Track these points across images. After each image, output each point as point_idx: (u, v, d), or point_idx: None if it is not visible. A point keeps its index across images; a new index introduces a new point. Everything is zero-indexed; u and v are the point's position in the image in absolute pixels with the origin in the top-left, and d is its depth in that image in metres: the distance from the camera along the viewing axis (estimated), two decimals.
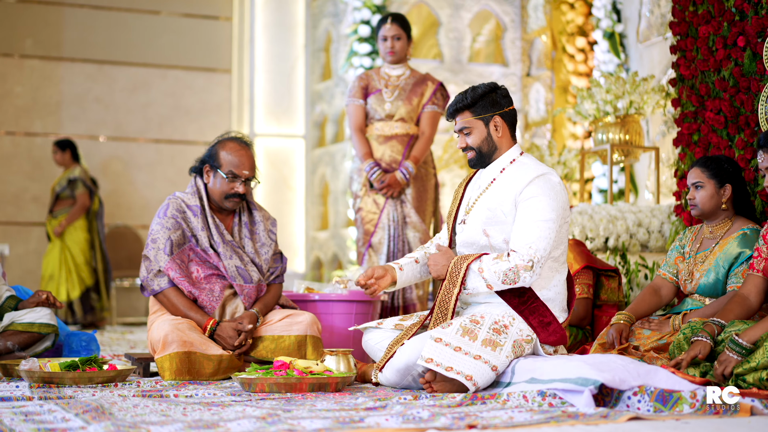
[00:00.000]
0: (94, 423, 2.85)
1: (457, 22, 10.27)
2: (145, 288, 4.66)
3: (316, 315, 5.08)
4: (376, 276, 4.25)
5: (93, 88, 11.64)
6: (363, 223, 6.20)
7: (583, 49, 9.78)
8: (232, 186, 4.70)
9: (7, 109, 11.35)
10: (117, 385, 4.09)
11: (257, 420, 2.93)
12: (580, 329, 5.15)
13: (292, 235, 11.30)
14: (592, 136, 7.01)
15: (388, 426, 2.89)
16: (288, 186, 11.31)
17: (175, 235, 4.62)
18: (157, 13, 11.90)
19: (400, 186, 6.05)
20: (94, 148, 11.62)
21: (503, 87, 4.24)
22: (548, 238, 3.96)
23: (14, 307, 5.01)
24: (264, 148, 11.24)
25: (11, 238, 11.23)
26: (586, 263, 5.17)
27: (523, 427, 2.91)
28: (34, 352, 4.97)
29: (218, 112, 12.10)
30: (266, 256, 4.81)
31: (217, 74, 12.12)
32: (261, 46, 11.29)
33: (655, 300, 4.70)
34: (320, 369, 4.00)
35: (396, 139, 6.14)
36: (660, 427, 2.87)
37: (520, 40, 10.38)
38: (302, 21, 11.23)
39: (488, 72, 10.40)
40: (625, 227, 6.15)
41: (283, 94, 11.29)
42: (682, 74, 5.82)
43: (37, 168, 11.40)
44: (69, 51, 11.57)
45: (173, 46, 11.93)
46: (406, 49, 6.21)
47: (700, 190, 4.59)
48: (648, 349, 4.41)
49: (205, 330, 4.51)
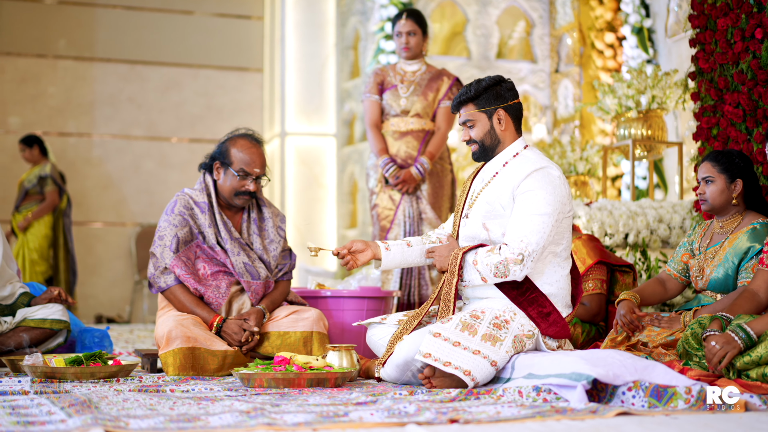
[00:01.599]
0: (76, 416, 2.85)
1: (485, 18, 10.21)
2: (153, 285, 4.67)
3: (327, 312, 5.07)
4: (355, 249, 4.22)
5: (126, 88, 11.73)
6: (379, 220, 6.17)
7: (611, 45, 9.69)
8: (243, 183, 4.69)
9: (41, 110, 11.46)
10: (119, 380, 4.10)
11: (240, 414, 2.91)
12: (594, 325, 5.09)
13: (324, 233, 11.30)
14: (615, 131, 6.93)
15: (371, 420, 2.86)
16: (319, 184, 11.31)
17: (182, 232, 4.62)
18: (189, 13, 11.97)
19: (415, 182, 6.02)
20: (127, 148, 11.71)
21: (509, 80, 4.19)
22: (542, 232, 3.91)
23: (27, 304, 5.05)
24: (295, 147, 11.25)
25: None
26: (599, 258, 5.11)
27: (507, 421, 2.87)
28: (47, 348, 5.01)
29: (250, 111, 12.15)
30: (275, 252, 4.80)
31: (249, 73, 12.16)
32: (292, 45, 11.30)
33: (660, 289, 4.66)
34: (320, 365, 3.98)
35: (411, 134, 6.11)
36: (645, 422, 2.82)
37: (549, 36, 10.31)
38: (332, 19, 11.22)
39: (516, 68, 10.33)
40: (646, 223, 6.07)
41: (314, 92, 11.29)
42: (701, 68, 5.74)
43: (71, 167, 11.50)
44: (102, 51, 11.67)
45: (205, 46, 11.99)
46: (421, 44, 6.17)
47: (710, 184, 4.51)
48: (656, 346, 4.35)
49: (212, 327, 4.51)
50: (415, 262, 4.37)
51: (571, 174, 7.34)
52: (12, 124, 11.36)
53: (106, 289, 11.64)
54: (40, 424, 2.75)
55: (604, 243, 5.99)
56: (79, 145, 11.55)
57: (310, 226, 11.18)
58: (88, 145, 11.64)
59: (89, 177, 11.62)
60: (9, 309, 5.01)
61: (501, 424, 2.84)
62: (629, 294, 4.56)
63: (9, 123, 11.36)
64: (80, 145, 11.56)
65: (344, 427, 2.74)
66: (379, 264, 4.31)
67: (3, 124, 11.33)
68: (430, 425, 2.80)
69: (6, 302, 5.03)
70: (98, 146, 11.68)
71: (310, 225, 11.19)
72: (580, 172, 7.32)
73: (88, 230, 11.63)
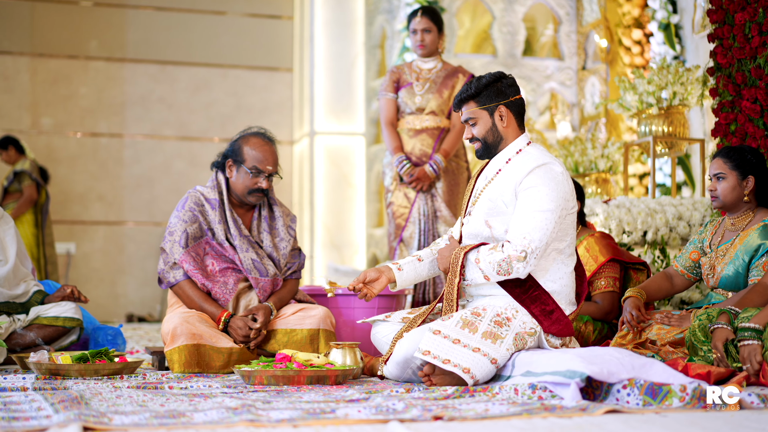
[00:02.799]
0: (63, 412, 2.86)
1: (511, 16, 10.16)
2: (162, 280, 4.69)
3: (337, 310, 5.06)
4: (368, 280, 4.22)
5: (156, 88, 11.81)
6: (394, 218, 6.16)
7: (639, 42, 9.59)
8: (256, 181, 4.71)
9: (72, 110, 11.57)
10: (123, 377, 4.12)
11: (227, 411, 2.91)
12: (606, 323, 5.04)
13: (353, 232, 11.30)
14: (636, 128, 6.87)
15: (357, 417, 2.85)
16: (348, 183, 11.31)
17: (192, 228, 4.65)
18: (219, 13, 12.02)
19: (429, 180, 6.00)
20: (158, 148, 11.78)
21: (510, 76, 4.15)
22: (545, 228, 3.87)
23: (41, 302, 5.10)
24: (324, 147, 11.26)
25: (78, 237, 11.47)
26: (611, 256, 5.06)
27: (493, 419, 2.85)
28: (60, 346, 5.05)
29: (280, 110, 12.18)
30: (284, 251, 4.81)
31: (279, 73, 12.20)
32: (321, 44, 11.30)
33: (666, 284, 4.62)
34: (321, 362, 3.97)
35: (426, 132, 6.09)
36: (631, 420, 2.78)
37: (576, 33, 10.23)
38: (361, 18, 11.22)
39: (543, 66, 10.27)
40: (665, 220, 6.01)
41: (342, 91, 11.29)
42: (719, 63, 5.68)
43: (103, 168, 11.60)
44: (132, 52, 11.75)
45: (235, 46, 12.04)
46: (436, 42, 6.15)
47: (721, 181, 4.45)
48: (664, 344, 4.30)
49: (219, 322, 4.52)
50: (428, 275, 4.37)
51: (591, 171, 7.28)
52: (44, 125, 11.47)
53: (137, 288, 11.72)
54: (25, 420, 2.77)
55: (621, 241, 5.93)
56: (110, 146, 11.64)
57: (340, 225, 11.18)
58: (119, 146, 11.73)
59: (120, 177, 11.71)
60: (23, 307, 5.06)
61: (486, 421, 2.82)
62: (635, 291, 4.52)
63: (42, 124, 11.47)
64: (111, 146, 11.65)
65: (325, 424, 2.73)
66: (395, 286, 4.30)
67: (36, 125, 11.44)
68: (414, 422, 2.79)
69: (20, 300, 5.07)
70: (129, 146, 11.76)
71: (340, 224, 11.19)
72: (600, 169, 7.26)
73: (119, 230, 11.72)
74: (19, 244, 5.15)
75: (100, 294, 11.48)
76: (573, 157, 7.29)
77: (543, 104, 10.66)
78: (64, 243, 11.23)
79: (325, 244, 11.17)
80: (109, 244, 11.64)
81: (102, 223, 11.58)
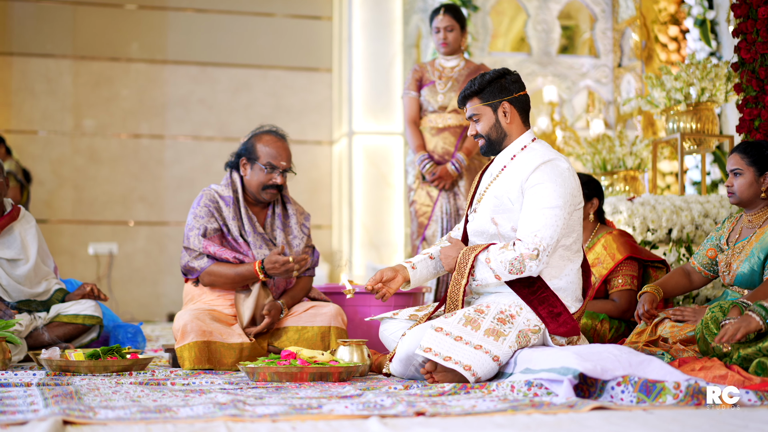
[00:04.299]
0: (52, 407, 2.90)
1: (546, 13, 10.11)
2: (190, 272, 4.71)
3: (353, 308, 5.07)
4: (385, 279, 4.20)
5: (196, 89, 11.90)
6: (417, 216, 6.16)
7: (675, 38, 9.49)
8: (270, 177, 4.76)
9: (114, 112, 11.69)
10: (132, 374, 4.16)
11: (214, 406, 2.93)
12: (624, 321, 5.00)
13: (391, 231, 11.30)
14: (664, 125, 6.80)
15: (340, 412, 2.85)
16: (387, 183, 11.31)
17: (210, 222, 4.70)
18: (259, 14, 12.08)
19: (451, 178, 5.99)
20: (199, 149, 11.87)
21: (514, 72, 4.13)
22: (554, 225, 3.84)
23: (62, 300, 5.16)
24: (363, 146, 11.26)
25: (120, 237, 11.59)
26: (629, 254, 5.01)
27: (475, 415, 2.84)
28: (81, 343, 5.11)
29: (319, 111, 12.21)
30: (298, 248, 4.84)
31: (319, 73, 12.23)
32: (359, 44, 11.31)
33: (684, 281, 4.58)
34: (325, 359, 3.98)
35: (449, 130, 6.08)
36: (612, 417, 2.76)
37: (611, 31, 10.15)
38: (398, 18, 11.21)
39: (578, 64, 10.20)
40: (690, 218, 5.93)
41: (381, 91, 11.29)
42: (743, 58, 5.61)
43: (144, 169, 11.72)
44: (173, 54, 11.85)
45: (274, 47, 12.09)
46: (459, 40, 6.14)
47: (738, 177, 4.39)
48: (676, 341, 4.26)
49: (257, 273, 4.56)
50: (440, 272, 4.36)
51: (619, 169, 7.22)
52: (87, 127, 11.61)
53: (178, 288, 11.80)
54: (11, 414, 2.81)
55: (646, 238, 5.88)
56: (151, 147, 11.75)
57: (379, 225, 11.19)
58: (160, 147, 11.84)
59: (161, 178, 11.82)
60: (43, 305, 5.13)
61: (468, 417, 2.81)
62: (652, 287, 4.49)
63: (84, 126, 11.61)
64: (153, 147, 11.76)
65: (304, 419, 2.74)
66: (408, 285, 4.30)
67: (78, 126, 11.58)
68: (396, 418, 2.78)
69: (41, 298, 5.14)
70: (170, 147, 11.86)
71: (379, 224, 11.19)
72: (629, 167, 7.19)
73: (160, 230, 11.82)
74: (41, 242, 5.22)
75: (142, 293, 11.60)
76: (600, 155, 7.23)
77: (578, 102, 10.59)
78: (107, 243, 11.35)
79: (364, 243, 11.18)
80: (150, 245, 11.75)
81: (144, 224, 11.70)
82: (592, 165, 7.28)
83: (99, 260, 11.35)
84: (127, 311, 11.08)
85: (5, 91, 11.40)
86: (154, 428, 2.58)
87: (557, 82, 10.12)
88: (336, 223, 12.05)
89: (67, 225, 11.53)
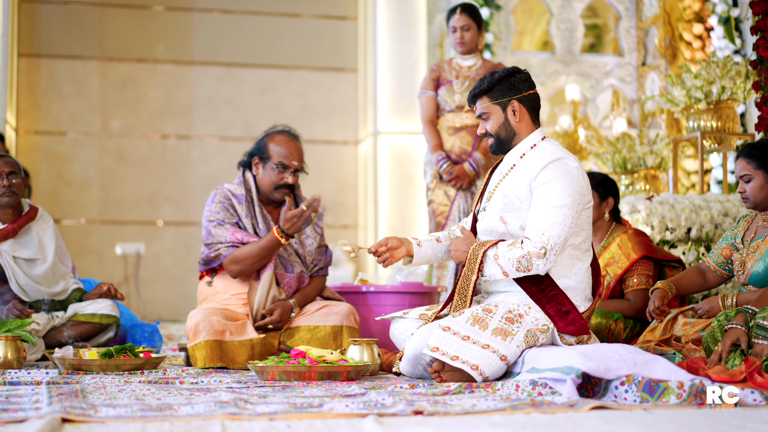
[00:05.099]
0: (55, 405, 2.93)
1: (569, 12, 10.07)
2: (212, 261, 4.74)
3: (367, 307, 5.09)
4: (390, 246, 4.21)
5: (223, 90, 11.95)
6: (434, 216, 6.16)
7: (700, 36, 9.42)
8: (282, 176, 4.80)
9: (141, 113, 11.76)
10: (143, 372, 4.19)
11: (215, 404, 2.95)
12: (638, 321, 4.97)
13: (417, 231, 11.29)
14: (684, 124, 6.76)
15: (339, 411, 2.86)
16: (412, 183, 11.30)
17: (227, 218, 4.74)
18: (285, 15, 12.12)
19: (468, 177, 5.99)
20: (225, 149, 11.92)
21: (524, 71, 4.12)
22: (562, 224, 3.84)
23: (79, 299, 5.21)
24: (388, 146, 11.27)
25: (147, 237, 11.66)
26: (644, 253, 4.98)
27: (474, 414, 2.84)
28: (98, 342, 5.16)
29: (345, 111, 12.22)
30: (311, 248, 4.86)
31: (345, 73, 12.25)
32: (384, 44, 11.32)
33: (699, 280, 4.55)
34: (334, 358, 3.99)
35: (466, 130, 6.08)
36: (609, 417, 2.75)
37: (635, 29, 10.09)
38: (423, 17, 11.21)
39: (602, 62, 10.15)
40: (710, 217, 5.90)
41: (405, 91, 11.28)
42: (761, 56, 5.57)
43: (171, 169, 11.78)
44: (199, 55, 11.91)
45: (300, 47, 12.12)
46: (476, 39, 6.14)
47: (749, 182, 4.34)
48: (689, 341, 4.24)
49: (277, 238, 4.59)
50: (444, 257, 4.36)
51: (640, 168, 7.18)
52: (114, 128, 11.69)
53: None
54: (13, 412, 2.84)
55: (664, 237, 5.85)
56: (178, 147, 11.81)
57: (403, 225, 11.19)
58: (187, 147, 11.90)
59: (189, 178, 11.88)
60: (61, 304, 5.18)
61: (466, 416, 2.81)
62: (664, 284, 4.48)
63: (111, 126, 11.69)
64: (180, 147, 11.82)
65: (301, 418, 2.75)
66: (409, 261, 4.30)
67: (105, 127, 11.66)
68: (394, 417, 2.79)
69: (59, 298, 5.19)
70: (197, 148, 11.92)
71: (403, 224, 11.19)
72: (649, 166, 7.15)
73: (188, 230, 11.88)
74: (59, 242, 5.27)
75: (170, 293, 11.66)
76: (620, 154, 7.19)
77: (602, 101, 10.54)
78: (134, 243, 11.42)
79: None
80: (177, 245, 11.81)
81: (171, 224, 11.76)
82: (612, 164, 7.24)
83: (127, 260, 11.43)
84: (155, 311, 11.16)
85: (34, 92, 11.50)
86: (150, 426, 2.60)
87: (581, 81, 10.08)
88: (362, 223, 12.07)
89: (95, 225, 11.61)
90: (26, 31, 11.41)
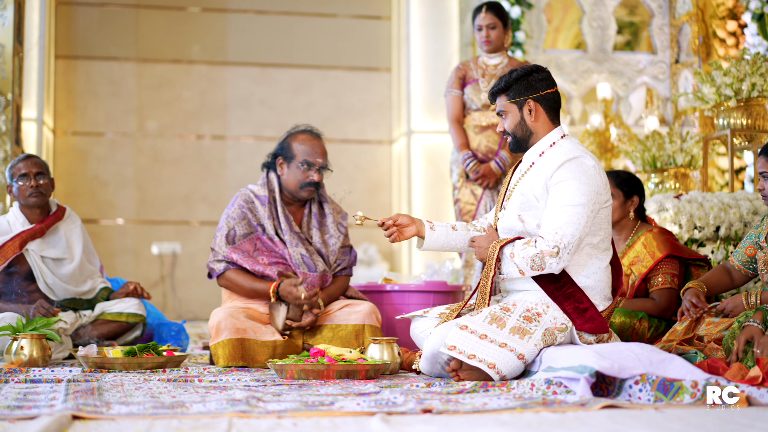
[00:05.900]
0: (68, 402, 2.96)
1: (601, 10, 10.02)
2: (210, 272, 4.81)
3: (392, 306, 5.09)
4: (399, 222, 4.22)
5: (257, 90, 12.01)
6: (461, 215, 6.16)
7: (733, 33, 9.34)
8: (308, 174, 4.83)
9: (176, 114, 11.86)
10: (165, 371, 4.22)
11: (228, 402, 2.97)
12: (663, 320, 4.94)
13: None
14: (714, 121, 6.70)
15: (349, 409, 2.87)
16: (445, 182, 11.28)
17: (240, 226, 4.77)
18: (319, 15, 12.16)
19: (495, 176, 5.98)
20: (259, 149, 11.97)
21: (545, 70, 4.10)
22: (577, 223, 3.82)
23: (106, 298, 5.27)
24: (421, 146, 11.27)
25: (183, 237, 11.75)
26: (669, 252, 4.94)
27: (483, 413, 2.84)
28: (125, 341, 5.21)
29: (379, 110, 12.24)
30: (334, 247, 4.88)
31: (378, 73, 12.27)
32: (417, 44, 11.32)
33: (726, 279, 4.51)
34: (353, 356, 4.00)
35: (492, 128, 6.07)
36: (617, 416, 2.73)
37: (669, 26, 10.02)
38: (455, 16, 11.20)
39: (635, 60, 10.09)
40: (739, 215, 5.84)
41: (439, 90, 11.25)
42: None
43: (206, 169, 11.86)
44: (233, 55, 11.98)
45: (334, 47, 12.16)
46: (502, 37, 6.12)
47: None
48: (711, 340, 4.20)
49: (272, 295, 4.62)
50: (459, 247, 4.32)
51: (670, 166, 7.12)
52: (150, 129, 11.79)
53: None
54: (27, 409, 2.87)
55: (693, 236, 5.80)
56: (213, 148, 11.89)
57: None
58: (222, 147, 11.97)
59: (224, 178, 11.95)
60: (89, 303, 5.23)
61: (475, 415, 2.80)
62: (696, 283, 4.44)
63: (147, 127, 11.79)
64: (214, 148, 11.90)
65: (309, 416, 2.76)
66: (422, 243, 4.29)
67: (141, 128, 11.77)
68: (403, 415, 2.79)
69: (87, 297, 5.25)
70: (232, 148, 11.99)
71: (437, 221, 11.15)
72: (679, 164, 7.09)
73: None
74: (86, 242, 5.33)
75: (205, 293, 11.72)
76: (650, 152, 7.14)
77: (636, 99, 10.47)
78: (170, 243, 11.51)
79: None
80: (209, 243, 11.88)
81: (206, 224, 11.84)
82: (642, 162, 7.20)
83: (162, 260, 11.52)
84: (190, 310, 11.24)
85: (71, 94, 11.62)
86: (159, 423, 2.62)
87: (613, 79, 10.03)
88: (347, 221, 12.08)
89: (132, 225, 11.72)
90: (63, 33, 11.54)
